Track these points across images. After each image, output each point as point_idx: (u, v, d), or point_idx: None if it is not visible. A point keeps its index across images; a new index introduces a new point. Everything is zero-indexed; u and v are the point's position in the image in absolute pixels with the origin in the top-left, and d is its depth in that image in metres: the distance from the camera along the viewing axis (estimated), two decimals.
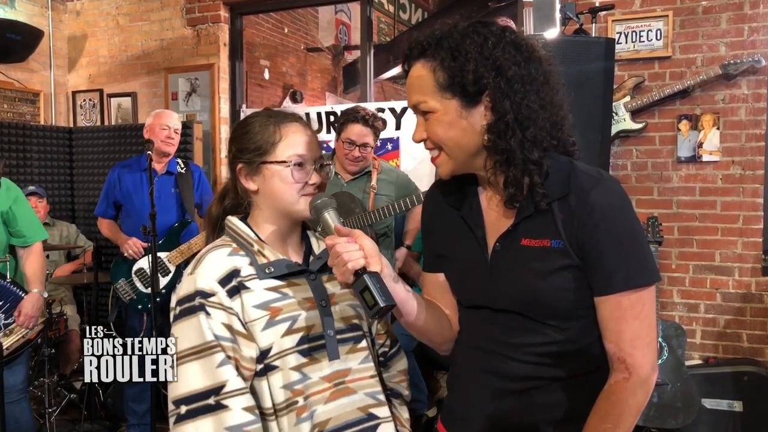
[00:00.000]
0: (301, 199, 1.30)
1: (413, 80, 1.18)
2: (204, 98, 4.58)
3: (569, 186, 1.14)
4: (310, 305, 1.30)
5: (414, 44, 1.18)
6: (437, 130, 1.16)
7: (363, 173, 2.96)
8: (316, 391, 1.26)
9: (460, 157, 1.18)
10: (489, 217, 1.24)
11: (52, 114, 4.93)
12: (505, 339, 1.19)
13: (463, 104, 1.14)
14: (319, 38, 7.65)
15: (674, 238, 3.50)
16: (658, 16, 3.47)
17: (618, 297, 1.11)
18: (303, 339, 1.27)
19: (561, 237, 1.13)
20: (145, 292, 3.22)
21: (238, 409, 1.18)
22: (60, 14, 5.00)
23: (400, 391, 1.47)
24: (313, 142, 1.34)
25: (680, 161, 3.48)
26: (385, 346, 1.47)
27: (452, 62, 1.12)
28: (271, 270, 1.28)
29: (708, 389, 3.25)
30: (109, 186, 3.40)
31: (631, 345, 1.12)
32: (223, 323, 1.22)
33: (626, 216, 1.13)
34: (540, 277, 1.14)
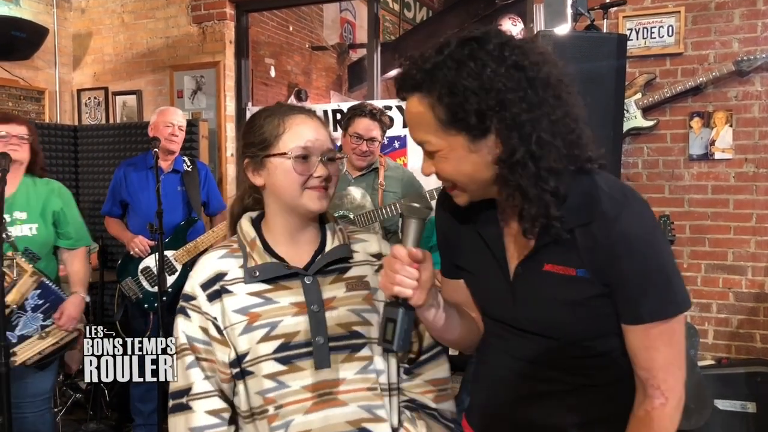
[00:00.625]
0: (305, 192, 1.25)
1: (412, 116, 1.08)
2: (210, 96, 4.55)
3: (592, 213, 1.05)
4: (297, 310, 1.24)
5: (405, 77, 1.07)
6: (446, 168, 1.08)
7: (370, 170, 2.93)
8: (293, 400, 1.22)
9: (476, 190, 1.10)
10: (509, 236, 1.17)
11: (57, 112, 4.91)
12: (534, 350, 1.17)
13: (470, 138, 1.03)
14: (323, 36, 7.62)
15: (686, 236, 3.46)
16: (669, 12, 3.43)
17: (647, 327, 1.07)
18: (282, 346, 1.22)
19: (585, 266, 1.07)
20: (151, 290, 3.19)
21: (201, 412, 1.23)
22: (65, 12, 4.98)
23: (424, 402, 1.33)
24: (320, 134, 1.29)
25: (692, 159, 3.44)
26: (411, 352, 1.34)
27: (451, 98, 1.01)
28: (257, 273, 1.25)
29: (721, 390, 3.21)
30: (114, 184, 3.37)
31: (665, 371, 1.08)
32: (200, 326, 1.25)
33: (653, 245, 1.06)
34: (567, 307, 1.09)
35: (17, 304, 2.27)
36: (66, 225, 2.70)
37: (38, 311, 2.33)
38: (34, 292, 2.32)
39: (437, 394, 1.34)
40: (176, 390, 1.26)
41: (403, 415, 1.32)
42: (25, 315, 2.30)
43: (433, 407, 1.34)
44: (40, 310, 2.33)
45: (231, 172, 4.51)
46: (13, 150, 2.48)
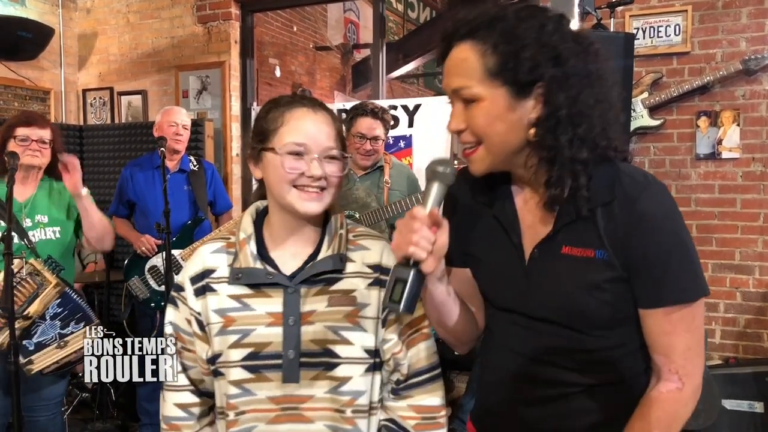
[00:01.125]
0: (292, 191, 1.18)
1: (455, 62, 1.06)
2: (215, 96, 4.55)
3: (614, 192, 1.05)
4: (272, 321, 1.20)
5: (460, 23, 1.05)
6: (481, 122, 1.05)
7: (375, 168, 2.93)
8: (256, 408, 1.20)
9: (500, 154, 1.08)
10: (525, 220, 1.15)
11: (62, 112, 4.91)
12: (543, 345, 1.13)
13: (513, 95, 1.03)
14: (327, 37, 7.62)
15: (693, 236, 3.38)
16: (676, 11, 3.42)
17: (668, 311, 1.05)
18: (252, 355, 1.19)
19: (605, 247, 1.05)
20: (158, 289, 3.19)
21: (170, 404, 1.29)
22: (70, 12, 4.99)
23: (404, 427, 1.26)
24: (322, 130, 1.20)
25: (699, 158, 3.43)
26: (399, 373, 1.26)
27: (507, 47, 1.01)
28: (240, 276, 1.21)
29: (728, 390, 3.20)
30: (121, 185, 3.38)
31: (684, 357, 1.06)
32: (186, 318, 1.28)
33: (675, 226, 1.05)
34: (584, 290, 1.06)
35: (39, 315, 2.25)
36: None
37: (56, 319, 2.31)
38: (55, 302, 2.31)
39: (420, 421, 1.26)
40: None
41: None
42: (43, 323, 2.28)
43: None
44: (58, 318, 2.31)
45: (236, 172, 4.51)
46: (32, 155, 2.46)
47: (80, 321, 2.32)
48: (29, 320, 2.22)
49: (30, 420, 2.48)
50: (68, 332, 2.29)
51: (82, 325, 2.34)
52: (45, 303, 2.28)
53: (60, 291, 2.31)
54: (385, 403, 1.28)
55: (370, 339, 1.22)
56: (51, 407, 2.56)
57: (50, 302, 2.28)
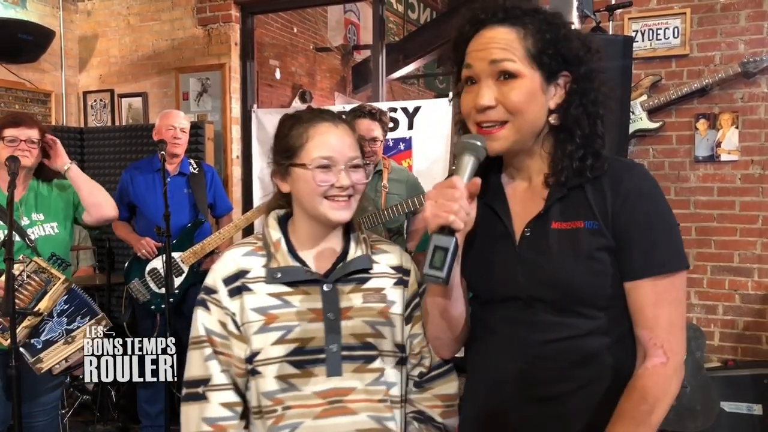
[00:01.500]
0: (324, 202, 1.26)
1: (497, 38, 1.11)
2: (215, 98, 4.56)
3: (602, 168, 1.13)
4: (313, 317, 1.26)
5: (495, 9, 1.12)
6: (520, 97, 1.10)
7: (374, 172, 2.93)
8: (303, 404, 1.23)
9: (526, 133, 1.13)
10: (514, 206, 1.20)
11: (63, 114, 4.92)
12: (534, 336, 1.14)
13: (544, 78, 1.11)
14: (328, 38, 7.63)
15: (692, 238, 3.46)
16: (675, 14, 3.43)
17: (654, 281, 1.09)
18: (297, 350, 1.24)
19: (595, 218, 1.11)
20: (158, 292, 3.20)
21: (216, 404, 1.26)
22: (71, 14, 5.00)
23: (430, 416, 1.35)
24: (345, 141, 1.29)
25: (698, 161, 3.44)
26: (422, 366, 1.35)
27: (550, 34, 1.10)
28: (278, 275, 1.27)
29: (727, 392, 3.21)
30: (121, 188, 3.39)
31: (668, 331, 1.09)
32: (219, 320, 1.28)
33: (659, 201, 1.12)
34: (574, 259, 1.10)
35: (48, 311, 2.27)
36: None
37: (63, 315, 2.32)
38: (62, 298, 2.32)
39: (444, 409, 1.35)
40: (192, 379, 1.28)
41: (411, 426, 1.34)
42: (51, 321, 2.29)
43: (440, 422, 1.35)
44: (65, 314, 2.32)
45: (237, 174, 4.52)
46: (22, 155, 2.45)
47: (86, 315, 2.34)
48: (39, 316, 2.23)
49: (28, 426, 2.49)
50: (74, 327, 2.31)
51: (87, 319, 2.36)
52: (54, 299, 2.29)
53: (68, 287, 2.33)
54: (409, 397, 1.35)
55: (399, 334, 1.32)
56: (48, 411, 2.58)
57: (59, 298, 2.30)
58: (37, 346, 2.24)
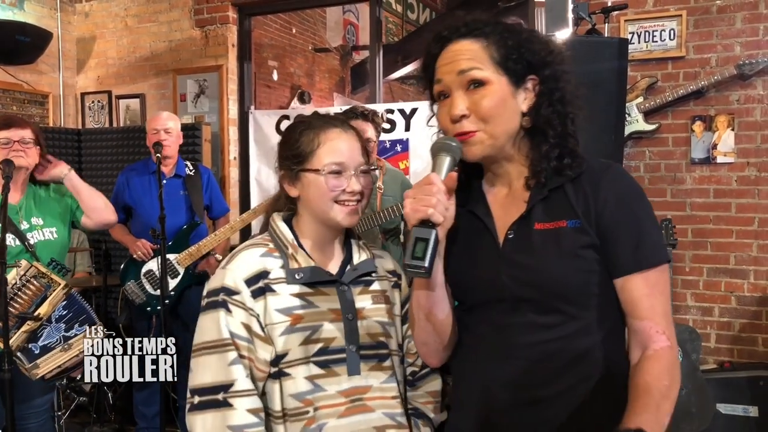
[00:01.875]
0: (335, 207, 1.29)
1: (462, 50, 1.14)
2: (212, 99, 4.57)
3: (581, 168, 1.16)
4: (334, 317, 1.28)
5: (458, 24, 1.16)
6: (490, 104, 1.12)
7: None
8: (329, 404, 1.24)
9: (501, 138, 1.15)
10: (496, 210, 1.22)
11: (61, 116, 4.93)
12: (518, 339, 1.14)
13: (512, 83, 1.14)
14: (327, 39, 7.63)
15: (688, 240, 3.46)
16: (671, 16, 3.43)
17: (645, 274, 1.11)
18: (321, 350, 1.26)
19: (577, 216, 1.12)
20: (154, 293, 3.21)
21: (243, 410, 1.21)
22: (69, 16, 5.00)
23: (424, 412, 1.39)
24: (354, 147, 1.32)
25: (694, 163, 3.44)
26: (415, 365, 1.39)
27: (510, 41, 1.14)
28: (300, 276, 1.28)
29: (723, 394, 3.21)
30: (117, 190, 3.39)
31: (665, 319, 1.11)
32: (242, 322, 1.24)
33: (642, 197, 1.15)
34: (558, 257, 1.11)
35: (47, 317, 2.26)
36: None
37: (61, 321, 2.31)
38: (61, 304, 2.31)
39: (435, 405, 1.39)
40: (208, 386, 1.22)
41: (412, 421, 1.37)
42: (49, 326, 2.29)
43: (431, 417, 1.39)
44: (63, 320, 2.31)
45: (234, 175, 4.52)
46: (16, 156, 2.44)
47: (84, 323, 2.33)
48: (39, 321, 2.22)
49: (21, 428, 2.49)
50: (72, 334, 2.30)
51: (85, 327, 2.35)
52: (54, 304, 2.29)
53: (67, 293, 2.32)
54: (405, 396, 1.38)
55: (399, 334, 1.38)
56: (40, 414, 2.58)
57: (58, 303, 2.29)
58: (35, 351, 2.23)
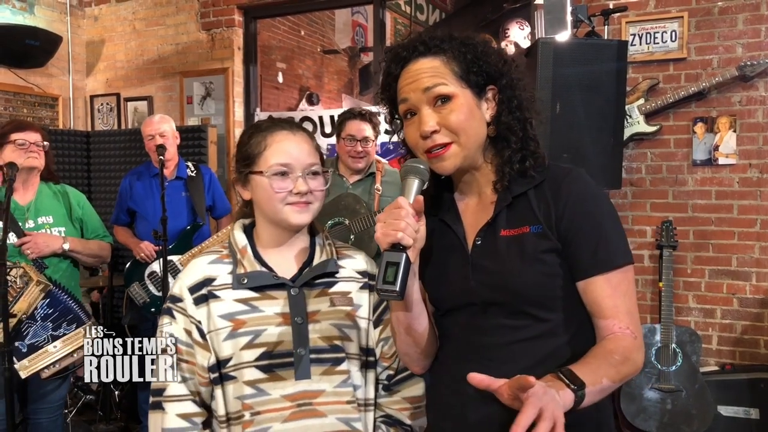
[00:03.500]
0: (285, 208, 1.29)
1: (424, 68, 1.17)
2: (218, 102, 4.62)
3: (543, 174, 1.19)
4: (281, 321, 1.27)
5: (418, 42, 1.18)
6: (459, 117, 1.15)
7: (367, 175, 2.97)
8: (272, 408, 1.25)
9: (472, 149, 1.18)
10: (466, 218, 1.25)
11: (70, 118, 5.01)
12: (490, 340, 1.17)
13: (475, 94, 1.18)
14: (335, 40, 7.67)
15: (690, 242, 3.45)
16: (672, 18, 3.42)
17: (606, 276, 1.13)
18: (264, 354, 1.26)
19: (539, 222, 1.16)
20: (157, 294, 3.25)
21: (173, 414, 1.27)
22: (78, 20, 5.08)
23: (399, 419, 1.37)
24: (303, 149, 1.31)
25: (696, 164, 3.43)
26: (390, 369, 1.37)
27: (469, 55, 1.17)
28: (245, 281, 1.29)
29: (724, 396, 3.20)
30: (121, 194, 3.45)
31: (629, 318, 1.13)
32: (184, 328, 1.29)
33: (602, 199, 1.18)
34: (522, 262, 1.14)
35: (26, 314, 2.30)
36: (88, 226, 2.82)
37: (47, 320, 2.36)
38: (43, 302, 2.35)
39: (413, 411, 1.38)
40: (155, 388, 1.30)
41: (380, 429, 1.36)
42: (35, 324, 2.34)
43: (408, 423, 1.38)
44: (49, 319, 2.36)
45: None
46: (32, 158, 2.55)
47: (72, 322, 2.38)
48: (15, 318, 2.27)
49: (33, 422, 2.56)
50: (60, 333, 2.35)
51: (74, 326, 2.40)
52: (29, 302, 2.32)
53: (44, 289, 2.35)
54: (378, 401, 1.37)
55: (364, 338, 1.34)
56: (53, 410, 2.65)
57: (35, 301, 2.33)
58: (22, 349, 2.28)
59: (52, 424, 2.67)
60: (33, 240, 2.52)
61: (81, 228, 2.78)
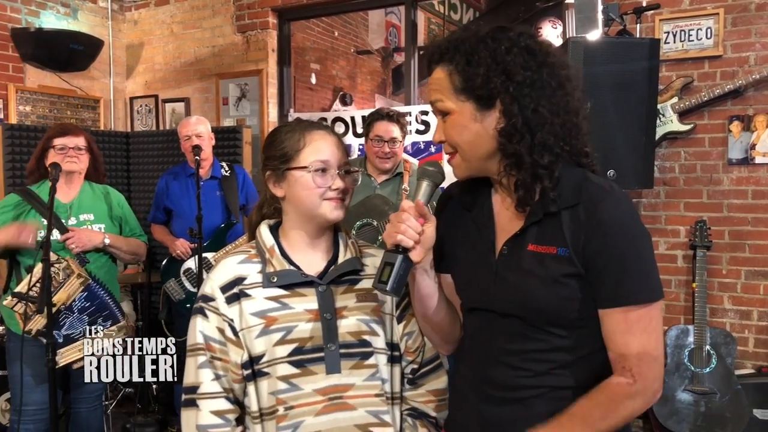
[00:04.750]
0: (323, 203, 1.34)
1: (433, 82, 1.21)
2: (253, 103, 4.70)
3: (579, 196, 1.14)
4: (311, 317, 1.32)
5: (434, 48, 1.21)
6: (452, 132, 1.18)
7: (395, 175, 3.00)
8: (304, 402, 1.29)
9: (473, 160, 1.19)
10: (500, 220, 1.25)
11: (111, 119, 5.16)
12: (507, 346, 1.19)
13: (478, 108, 1.16)
14: (368, 41, 7.71)
15: (725, 242, 3.39)
16: (708, 14, 3.37)
17: (624, 311, 1.11)
18: (296, 350, 1.30)
19: (567, 245, 1.13)
20: (193, 291, 3.34)
21: (206, 411, 1.30)
22: (119, 24, 5.23)
23: (425, 411, 1.41)
24: (338, 148, 1.37)
25: (731, 163, 3.37)
26: (415, 363, 1.42)
27: (466, 66, 1.15)
28: (275, 279, 1.33)
29: (760, 399, 3.14)
30: (158, 194, 3.55)
31: (638, 359, 1.11)
32: (217, 326, 1.33)
33: (633, 232, 1.13)
34: (543, 283, 1.14)
35: (65, 304, 2.41)
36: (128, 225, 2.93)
37: (84, 313, 2.45)
38: (82, 295, 2.45)
39: (437, 403, 1.42)
40: (188, 386, 1.33)
41: (405, 422, 1.40)
42: (72, 316, 2.43)
43: (434, 416, 1.41)
44: (86, 312, 2.45)
45: None
46: (71, 162, 2.66)
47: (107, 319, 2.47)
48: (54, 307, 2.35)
49: (73, 412, 2.67)
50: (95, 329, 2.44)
51: (109, 323, 2.49)
52: (69, 293, 2.42)
53: (84, 282, 2.45)
54: (403, 395, 1.41)
55: (389, 333, 1.39)
56: (91, 400, 2.76)
57: (75, 293, 2.42)
58: (58, 339, 2.37)
59: (91, 413, 2.78)
60: (77, 235, 2.62)
61: (120, 226, 2.89)
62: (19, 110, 4.43)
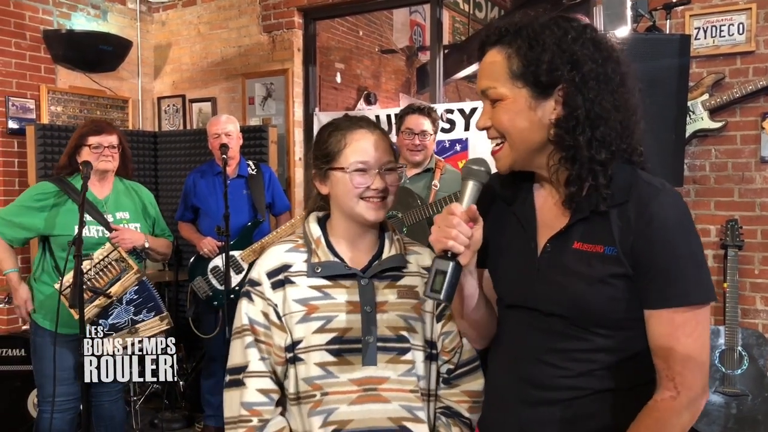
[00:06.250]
0: (361, 203, 1.35)
1: (486, 65, 1.17)
2: (279, 102, 4.73)
3: (630, 194, 1.10)
4: (351, 309, 1.34)
5: (492, 30, 1.17)
6: (503, 118, 1.14)
7: (425, 170, 3.01)
8: (339, 390, 1.31)
9: (522, 151, 1.15)
10: (542, 217, 1.21)
11: (139, 119, 5.23)
12: (548, 344, 1.16)
13: (534, 95, 1.12)
14: (393, 40, 7.71)
15: (757, 242, 3.32)
16: (740, 10, 3.30)
17: (671, 312, 1.08)
18: (335, 339, 1.32)
19: (615, 244, 1.09)
20: (220, 288, 3.37)
21: (253, 389, 1.35)
22: (147, 25, 5.30)
23: (458, 411, 1.42)
24: (380, 147, 1.37)
25: (764, 161, 3.30)
26: (450, 363, 1.42)
27: (529, 51, 1.10)
28: (319, 269, 1.36)
29: None
30: (185, 192, 3.59)
31: (682, 365, 1.07)
32: (262, 310, 1.37)
33: (685, 231, 1.09)
34: (589, 283, 1.10)
35: (118, 297, 2.49)
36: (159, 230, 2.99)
37: (131, 305, 2.52)
38: (133, 288, 2.53)
39: (471, 405, 1.42)
40: (234, 366, 1.38)
41: (439, 420, 1.41)
42: (120, 306, 2.50)
43: (467, 416, 1.42)
44: (133, 303, 2.53)
45: (299, 176, 4.66)
46: (106, 161, 2.70)
47: (151, 310, 2.54)
48: (110, 299, 2.46)
49: (96, 405, 2.73)
50: (140, 319, 2.51)
51: (153, 314, 2.55)
52: (125, 286, 2.52)
53: (139, 278, 2.55)
54: (438, 393, 1.43)
55: (428, 330, 1.40)
56: (112, 393, 2.82)
57: (129, 287, 2.52)
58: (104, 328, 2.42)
59: (113, 405, 2.83)
60: (121, 234, 2.66)
61: (152, 226, 2.93)
62: (50, 110, 4.51)
